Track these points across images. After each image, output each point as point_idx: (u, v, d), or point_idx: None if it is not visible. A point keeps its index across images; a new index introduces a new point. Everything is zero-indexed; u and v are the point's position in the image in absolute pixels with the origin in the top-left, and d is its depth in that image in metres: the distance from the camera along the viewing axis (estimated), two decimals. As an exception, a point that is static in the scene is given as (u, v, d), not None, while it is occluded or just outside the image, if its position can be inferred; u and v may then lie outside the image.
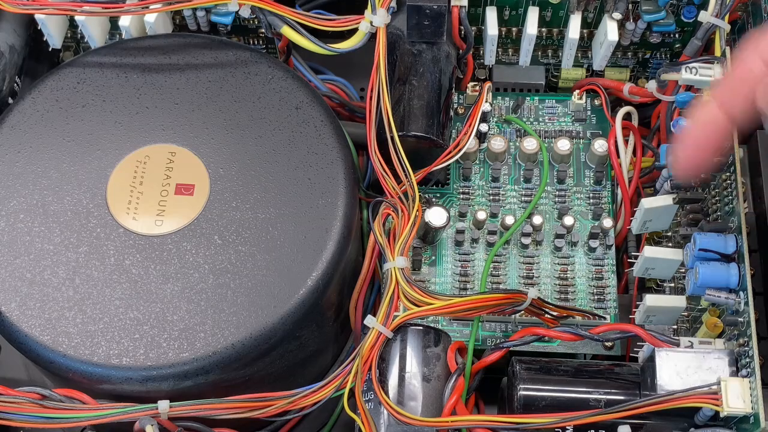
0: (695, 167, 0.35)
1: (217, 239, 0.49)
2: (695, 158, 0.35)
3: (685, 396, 0.41)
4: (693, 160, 0.35)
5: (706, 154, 0.34)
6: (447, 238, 0.56)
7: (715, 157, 0.34)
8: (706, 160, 0.35)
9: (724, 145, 0.34)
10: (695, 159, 0.35)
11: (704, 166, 0.35)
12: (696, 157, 0.34)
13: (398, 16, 0.55)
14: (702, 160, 0.34)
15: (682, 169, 0.35)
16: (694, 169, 0.36)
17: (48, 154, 0.51)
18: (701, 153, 0.34)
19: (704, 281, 0.44)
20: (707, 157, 0.34)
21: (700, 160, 0.35)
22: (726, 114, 0.33)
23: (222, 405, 0.46)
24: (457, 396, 0.46)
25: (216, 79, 0.54)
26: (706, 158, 0.34)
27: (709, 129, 0.34)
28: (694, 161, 0.35)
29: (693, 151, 0.34)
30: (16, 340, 0.47)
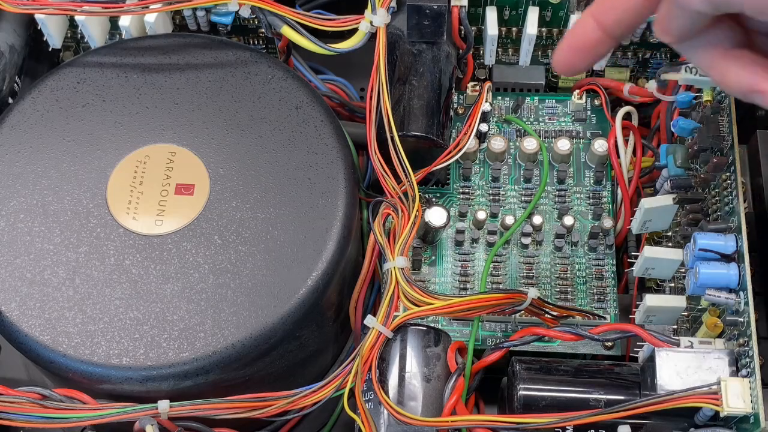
0: (570, 67, 0.39)
1: (217, 239, 0.49)
2: (569, 60, 0.39)
3: (685, 396, 0.41)
4: (567, 62, 0.39)
5: (579, 58, 0.39)
6: (447, 238, 0.56)
7: (590, 61, 0.39)
8: (580, 64, 0.39)
9: (598, 51, 0.38)
10: (569, 60, 0.39)
11: (578, 67, 0.39)
12: (570, 59, 0.39)
13: (398, 16, 0.55)
14: (576, 63, 0.39)
15: (558, 68, 0.40)
16: (568, 70, 0.40)
17: (48, 154, 0.51)
18: (574, 56, 0.39)
19: (704, 281, 0.44)
20: (580, 60, 0.39)
21: (574, 63, 0.39)
22: (599, 25, 0.37)
23: (222, 405, 0.46)
24: (457, 396, 0.46)
25: (216, 79, 0.54)
26: (580, 62, 0.39)
27: (580, 34, 0.38)
28: (568, 62, 0.39)
29: (567, 53, 0.39)
30: (16, 340, 0.47)
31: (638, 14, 0.37)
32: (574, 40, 0.38)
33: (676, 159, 0.49)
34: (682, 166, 0.49)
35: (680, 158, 0.49)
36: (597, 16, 0.37)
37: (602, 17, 0.37)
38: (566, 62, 0.39)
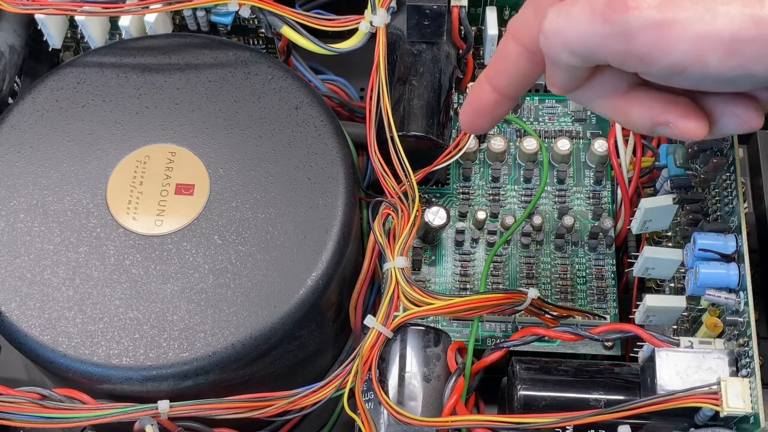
0: (474, 128, 0.42)
1: (217, 239, 0.49)
2: (472, 121, 0.41)
3: (685, 396, 0.41)
4: (471, 123, 0.42)
5: (481, 119, 0.41)
6: (447, 238, 0.56)
7: (492, 121, 0.41)
8: (483, 124, 0.41)
9: (497, 111, 0.41)
10: (472, 122, 0.41)
11: (483, 127, 0.42)
12: (473, 120, 0.41)
13: (398, 16, 0.55)
14: (479, 123, 0.41)
15: (464, 129, 0.43)
16: (474, 130, 0.43)
17: (48, 154, 0.51)
18: (476, 117, 0.41)
19: (704, 281, 0.44)
20: (483, 121, 0.41)
21: (477, 123, 0.42)
22: (493, 89, 0.40)
23: (222, 405, 0.46)
24: (457, 396, 0.46)
25: (216, 79, 0.54)
26: (482, 122, 0.41)
27: (477, 98, 0.40)
28: (472, 123, 0.42)
29: (469, 115, 0.41)
30: (16, 340, 0.47)
31: (527, 76, 0.39)
32: (473, 103, 0.41)
33: (676, 159, 0.49)
34: (682, 166, 0.49)
35: (680, 158, 0.49)
36: (490, 81, 0.40)
37: (495, 81, 0.40)
38: (470, 123, 0.41)
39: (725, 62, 0.32)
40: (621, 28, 0.33)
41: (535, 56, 0.37)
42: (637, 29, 0.32)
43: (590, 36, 0.33)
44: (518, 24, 0.38)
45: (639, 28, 0.32)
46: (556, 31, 0.34)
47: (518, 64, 0.38)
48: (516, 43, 0.38)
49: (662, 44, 0.32)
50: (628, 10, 0.32)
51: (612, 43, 0.33)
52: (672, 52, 0.32)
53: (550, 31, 0.35)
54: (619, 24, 0.33)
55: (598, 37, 0.33)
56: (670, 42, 0.32)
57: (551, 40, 0.35)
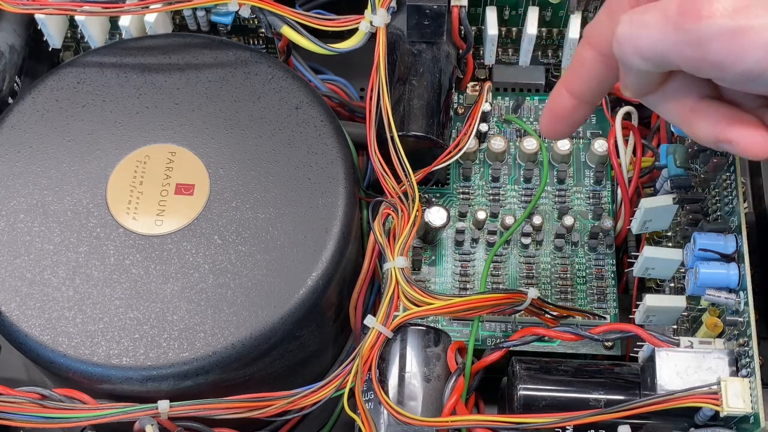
0: (555, 134, 0.43)
1: (217, 239, 0.49)
2: (552, 127, 0.42)
3: (685, 396, 0.41)
4: (551, 128, 0.42)
5: (561, 124, 0.42)
6: (447, 238, 0.56)
7: (571, 126, 0.42)
8: (563, 130, 0.42)
9: (576, 116, 0.41)
10: (552, 127, 0.42)
11: (563, 133, 0.43)
12: (552, 126, 0.42)
13: (398, 16, 0.55)
14: (558, 129, 0.42)
15: (544, 135, 0.44)
16: (554, 136, 0.45)
17: (48, 154, 0.51)
18: (556, 123, 0.42)
19: (704, 281, 0.44)
20: (562, 126, 0.42)
21: (557, 129, 0.42)
22: (571, 94, 0.41)
23: (222, 405, 0.46)
24: (457, 396, 0.46)
25: (216, 79, 0.54)
26: (562, 128, 0.42)
27: (556, 104, 0.41)
28: (552, 129, 0.42)
29: (549, 121, 0.42)
30: (16, 340, 0.47)
31: (602, 80, 0.40)
32: (552, 109, 0.42)
33: (676, 159, 0.49)
34: (682, 166, 0.49)
35: (680, 158, 0.49)
36: (567, 86, 0.41)
37: (571, 86, 0.41)
38: (549, 129, 0.42)
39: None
40: (694, 36, 0.33)
41: (609, 61, 0.38)
42: (710, 37, 0.32)
43: (662, 43, 0.34)
44: (593, 30, 0.39)
45: (712, 36, 0.32)
46: (629, 37, 0.35)
47: (594, 68, 0.39)
48: (591, 48, 0.39)
49: (735, 52, 0.32)
50: (701, 18, 0.32)
51: (684, 50, 0.33)
52: (745, 59, 0.32)
53: (623, 37, 0.35)
54: (691, 32, 0.33)
55: (671, 44, 0.34)
56: (743, 49, 0.32)
57: (624, 45, 0.35)
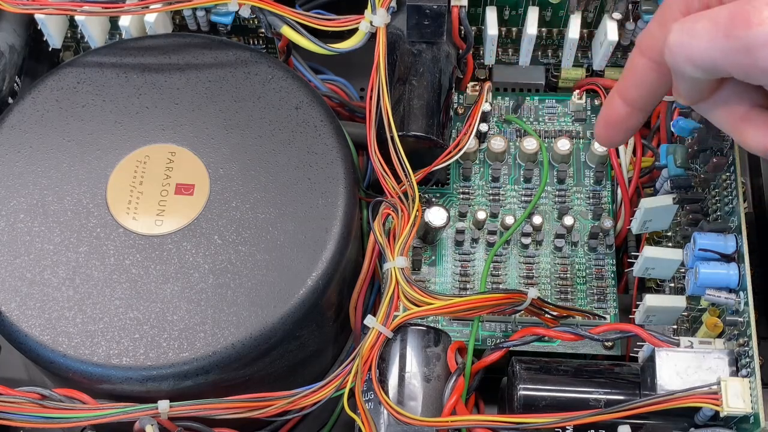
0: (609, 141, 0.43)
1: (217, 239, 0.49)
2: (607, 134, 0.43)
3: (685, 396, 0.41)
4: (606, 136, 0.43)
5: (615, 132, 0.42)
6: (447, 238, 0.56)
7: (626, 133, 0.42)
8: (617, 137, 0.43)
9: (630, 123, 0.42)
10: (607, 135, 0.43)
11: (618, 140, 0.43)
12: (607, 134, 0.43)
13: (398, 16, 0.55)
14: (613, 136, 0.43)
15: (600, 143, 0.44)
16: (609, 144, 0.44)
17: (48, 154, 0.51)
18: (610, 130, 0.42)
19: (704, 281, 0.44)
20: (617, 133, 0.42)
21: (611, 136, 0.43)
22: (624, 101, 0.41)
23: (222, 405, 0.46)
24: (457, 396, 0.46)
25: (216, 79, 0.54)
26: (616, 135, 0.43)
27: (610, 111, 0.42)
28: (606, 137, 0.43)
29: (603, 129, 0.43)
30: (16, 340, 0.47)
31: (655, 88, 0.40)
32: (607, 117, 0.42)
33: (676, 159, 0.49)
34: (682, 166, 0.49)
35: (680, 158, 0.49)
36: (621, 94, 0.41)
37: (625, 94, 0.41)
38: (605, 136, 0.43)
39: None
40: (744, 43, 0.33)
41: (662, 68, 0.38)
42: (760, 44, 0.33)
43: (713, 50, 0.34)
44: (645, 38, 0.40)
45: (762, 43, 0.33)
46: (680, 45, 0.35)
47: (646, 76, 0.40)
48: (643, 56, 0.39)
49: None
50: (750, 26, 0.33)
51: (735, 57, 0.34)
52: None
53: (674, 46, 0.35)
54: (741, 39, 0.33)
55: (721, 52, 0.34)
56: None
57: (675, 54, 0.36)
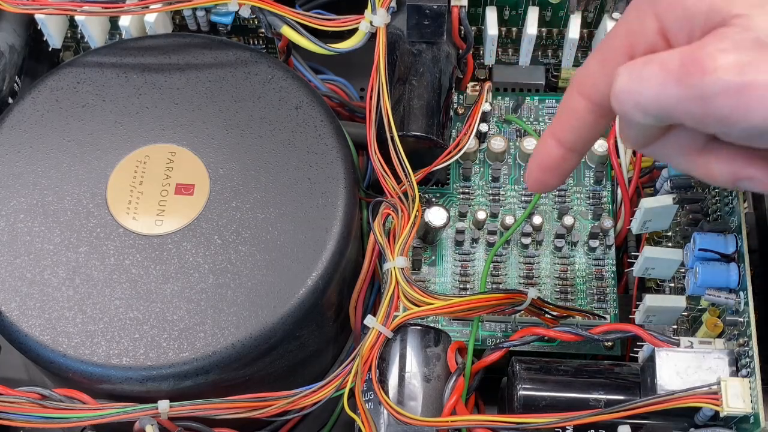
0: (542, 185, 0.41)
1: (217, 239, 0.49)
2: (540, 179, 0.40)
3: (685, 396, 0.41)
4: (538, 180, 0.40)
5: (549, 176, 0.40)
6: (447, 238, 0.56)
7: (560, 177, 0.40)
8: (550, 181, 0.40)
9: (564, 167, 0.39)
10: (540, 179, 0.40)
11: (550, 184, 0.40)
12: (540, 178, 0.40)
13: (398, 16, 0.55)
14: (546, 180, 0.40)
15: (530, 187, 0.41)
16: (541, 188, 0.41)
17: (48, 154, 0.51)
18: (544, 174, 0.40)
19: (704, 281, 0.44)
20: (550, 178, 0.40)
21: (545, 180, 0.40)
22: (559, 144, 0.39)
23: (222, 405, 0.46)
24: (457, 396, 0.46)
25: (216, 79, 0.54)
26: (550, 179, 0.40)
27: (544, 154, 0.39)
28: (539, 181, 0.40)
29: (536, 173, 0.40)
30: (16, 340, 0.47)
31: (594, 129, 0.38)
32: (541, 160, 0.40)
33: (676, 159, 0.49)
34: (682, 166, 0.49)
35: (680, 158, 0.49)
36: (557, 136, 0.39)
37: (560, 136, 0.39)
38: (537, 181, 0.40)
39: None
40: (696, 91, 0.32)
41: (602, 110, 0.37)
42: (715, 93, 0.31)
43: (664, 98, 0.33)
44: (583, 78, 0.37)
45: (717, 92, 0.31)
46: (629, 92, 0.33)
47: (585, 119, 0.38)
48: (582, 97, 0.37)
49: (741, 108, 0.31)
50: (704, 73, 0.31)
51: (688, 105, 0.32)
52: (752, 116, 0.31)
53: (622, 92, 0.34)
54: (695, 87, 0.32)
55: (673, 100, 0.32)
56: (749, 106, 0.31)
57: (623, 101, 0.34)
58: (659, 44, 0.35)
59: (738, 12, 0.32)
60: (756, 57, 0.31)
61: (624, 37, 0.36)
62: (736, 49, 0.31)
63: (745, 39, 0.31)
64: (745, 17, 0.32)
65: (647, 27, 0.35)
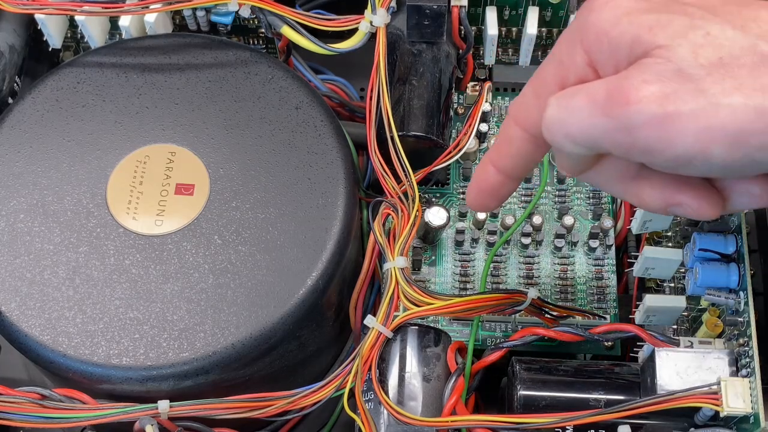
0: (482, 207, 0.42)
1: (217, 239, 0.49)
2: (480, 201, 0.41)
3: (685, 396, 0.41)
4: (478, 202, 0.41)
5: (488, 199, 0.41)
6: (447, 238, 0.56)
7: (498, 200, 0.41)
8: (490, 203, 0.41)
9: (502, 191, 0.40)
10: (480, 201, 0.41)
11: (490, 206, 0.42)
12: (480, 200, 0.41)
13: (398, 16, 0.55)
14: (486, 202, 0.41)
15: (472, 208, 0.43)
16: (482, 209, 0.43)
17: (48, 154, 0.51)
18: (483, 197, 0.41)
19: (704, 281, 0.44)
20: (490, 200, 0.41)
21: (484, 202, 0.41)
22: (497, 170, 0.39)
23: (222, 405, 0.46)
24: (457, 396, 0.46)
25: (216, 79, 0.54)
26: (489, 202, 0.41)
27: (483, 179, 0.40)
28: (479, 203, 0.41)
29: (476, 195, 0.41)
30: (16, 340, 0.47)
31: (530, 157, 0.39)
32: (479, 184, 0.41)
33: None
34: (682, 166, 0.49)
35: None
36: (494, 163, 0.40)
37: (498, 163, 0.39)
38: (476, 202, 0.41)
39: (730, 154, 0.31)
40: (622, 122, 0.32)
41: (537, 139, 0.37)
42: (639, 124, 0.32)
43: (592, 128, 0.33)
44: (519, 108, 0.38)
45: (641, 122, 0.32)
46: (557, 121, 0.34)
47: (521, 147, 0.38)
48: (518, 126, 0.38)
49: (665, 138, 0.32)
50: (628, 103, 0.32)
51: (614, 136, 0.33)
52: (675, 145, 0.32)
53: (551, 122, 0.34)
54: (619, 118, 0.32)
55: (600, 130, 0.33)
56: (673, 136, 0.32)
57: (552, 131, 0.34)
58: (589, 75, 0.35)
59: (660, 43, 0.32)
60: (678, 87, 0.32)
61: (555, 68, 0.36)
62: (659, 80, 0.32)
63: (667, 70, 0.32)
64: (666, 48, 0.32)
65: (576, 58, 0.35)
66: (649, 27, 0.33)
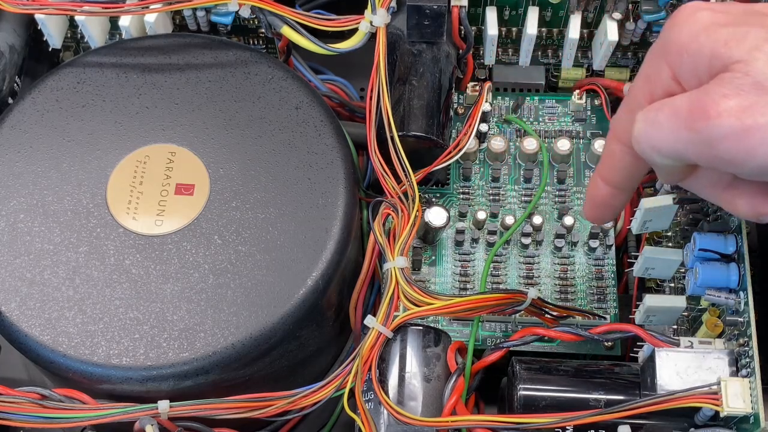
0: (599, 220, 0.45)
1: (217, 239, 0.49)
2: (595, 215, 0.44)
3: (685, 396, 0.41)
4: (594, 216, 0.44)
5: (602, 212, 0.43)
6: (447, 238, 0.56)
7: (612, 212, 0.43)
8: (605, 215, 0.44)
9: (615, 203, 0.42)
10: (595, 215, 0.44)
11: (606, 218, 0.44)
12: (595, 214, 0.44)
13: (398, 16, 0.55)
14: (601, 215, 0.44)
15: (590, 220, 0.45)
16: (599, 222, 0.46)
17: (48, 154, 0.51)
18: (598, 211, 0.43)
19: (704, 281, 0.44)
20: (604, 213, 0.43)
21: (599, 216, 0.44)
22: (606, 183, 0.42)
23: (222, 405, 0.46)
24: (457, 396, 0.46)
25: (216, 79, 0.54)
26: (604, 214, 0.44)
27: (594, 193, 0.43)
28: (595, 217, 0.44)
29: (591, 210, 0.44)
30: (16, 340, 0.47)
31: (634, 169, 0.41)
32: (593, 198, 0.43)
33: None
34: (682, 166, 0.49)
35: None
36: (603, 176, 0.42)
37: (606, 177, 0.42)
38: (594, 217, 0.44)
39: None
40: (704, 136, 0.34)
41: (635, 152, 0.38)
42: (720, 137, 0.33)
43: (676, 142, 0.35)
44: (617, 123, 0.40)
45: (721, 136, 0.33)
46: (645, 135, 0.36)
47: (623, 160, 0.40)
48: (618, 142, 0.40)
49: (745, 150, 0.33)
50: (709, 118, 0.33)
51: (697, 148, 0.34)
52: (756, 156, 0.33)
53: (639, 136, 0.36)
54: (701, 132, 0.34)
55: (683, 143, 0.35)
56: (752, 147, 0.33)
57: (641, 144, 0.36)
58: (674, 88, 0.37)
59: (738, 57, 0.33)
60: (756, 100, 0.33)
61: (644, 83, 0.38)
62: (738, 93, 0.33)
63: (745, 83, 0.33)
64: (744, 63, 0.33)
65: (662, 73, 0.37)
66: (725, 42, 0.34)
